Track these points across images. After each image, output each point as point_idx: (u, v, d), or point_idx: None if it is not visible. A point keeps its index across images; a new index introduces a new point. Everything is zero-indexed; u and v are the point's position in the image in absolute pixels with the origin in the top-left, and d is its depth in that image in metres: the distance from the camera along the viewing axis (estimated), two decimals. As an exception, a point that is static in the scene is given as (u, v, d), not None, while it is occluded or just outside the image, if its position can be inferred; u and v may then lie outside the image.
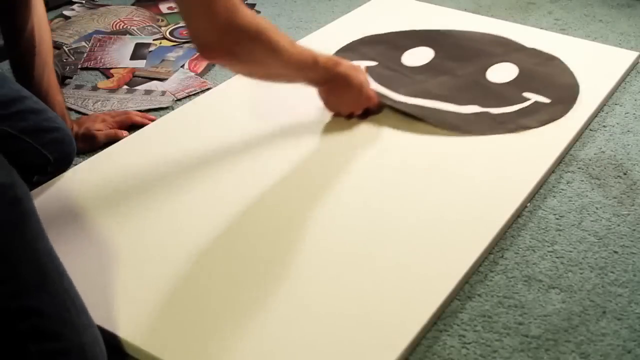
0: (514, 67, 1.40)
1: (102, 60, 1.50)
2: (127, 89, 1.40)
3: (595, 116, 1.29)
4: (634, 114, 1.31)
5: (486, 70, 1.40)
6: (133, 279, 0.92)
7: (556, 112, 1.26)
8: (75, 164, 1.16)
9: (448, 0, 1.77)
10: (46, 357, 0.69)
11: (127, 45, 1.56)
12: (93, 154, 1.18)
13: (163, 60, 1.52)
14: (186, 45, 1.58)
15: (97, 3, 1.81)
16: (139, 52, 1.54)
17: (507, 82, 1.36)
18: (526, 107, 1.28)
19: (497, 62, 1.42)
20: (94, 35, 1.60)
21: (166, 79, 1.44)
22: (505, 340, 0.86)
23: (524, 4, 1.78)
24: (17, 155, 1.07)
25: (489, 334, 0.86)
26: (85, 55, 1.53)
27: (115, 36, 1.61)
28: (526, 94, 1.31)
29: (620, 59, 1.46)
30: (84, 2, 1.80)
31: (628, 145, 1.22)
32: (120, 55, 1.52)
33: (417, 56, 1.45)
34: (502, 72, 1.39)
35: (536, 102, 1.29)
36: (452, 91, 1.33)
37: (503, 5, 1.77)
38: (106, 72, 1.46)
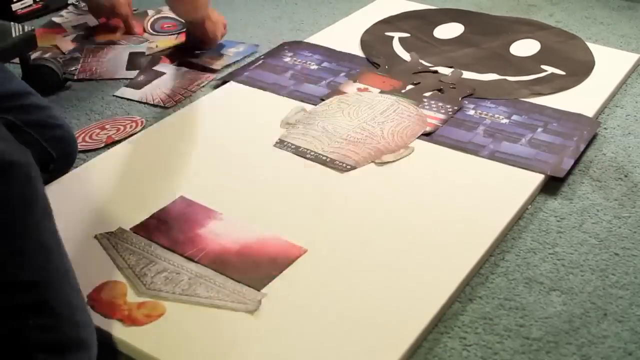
0: (537, 43, 1.53)
1: (98, 71, 1.47)
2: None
3: (596, 118, 1.29)
4: (635, 116, 1.31)
5: (510, 45, 1.52)
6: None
7: (568, 83, 1.37)
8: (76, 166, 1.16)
9: (449, 2, 1.78)
10: (44, 330, 0.71)
11: (122, 55, 1.53)
12: (94, 155, 1.19)
13: (222, 55, 1.54)
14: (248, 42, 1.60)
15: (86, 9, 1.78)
16: (134, 61, 1.51)
17: (528, 56, 1.48)
18: (542, 77, 1.39)
19: (521, 39, 1.55)
20: (87, 46, 1.57)
21: (216, 70, 1.48)
22: (506, 342, 0.86)
23: (525, 6, 1.78)
24: None
25: (489, 336, 0.86)
26: (79, 66, 1.49)
27: (108, 46, 1.57)
28: (544, 66, 1.43)
29: (621, 61, 1.47)
30: (76, 5, 1.78)
31: (629, 147, 1.22)
32: (115, 66, 1.49)
33: (448, 30, 1.60)
34: (524, 47, 1.51)
35: (552, 74, 1.40)
36: (475, 61, 1.45)
37: (504, 7, 1.77)
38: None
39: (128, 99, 1.38)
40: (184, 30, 1.59)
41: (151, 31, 1.63)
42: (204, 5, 1.42)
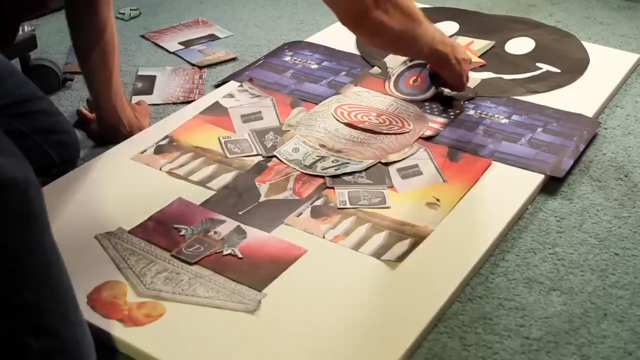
0: (532, 41, 1.53)
1: None
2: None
3: (596, 118, 1.29)
4: (635, 116, 1.31)
5: (505, 43, 1.52)
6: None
7: (563, 80, 1.37)
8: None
9: (449, 2, 1.77)
10: (46, 354, 0.70)
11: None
12: (94, 155, 1.19)
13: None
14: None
15: None
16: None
17: (523, 54, 1.48)
18: (537, 74, 1.40)
19: (516, 37, 1.55)
20: None
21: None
22: (506, 342, 0.86)
23: (525, 6, 1.78)
24: (24, 153, 1.08)
25: (489, 336, 0.86)
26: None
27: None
28: (539, 64, 1.43)
29: (621, 61, 1.47)
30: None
31: (629, 147, 1.22)
32: None
33: (443, 29, 1.57)
34: (519, 45, 1.51)
35: (547, 71, 1.41)
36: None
37: (504, 7, 1.77)
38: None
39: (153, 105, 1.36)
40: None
41: (396, 93, 1.33)
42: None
